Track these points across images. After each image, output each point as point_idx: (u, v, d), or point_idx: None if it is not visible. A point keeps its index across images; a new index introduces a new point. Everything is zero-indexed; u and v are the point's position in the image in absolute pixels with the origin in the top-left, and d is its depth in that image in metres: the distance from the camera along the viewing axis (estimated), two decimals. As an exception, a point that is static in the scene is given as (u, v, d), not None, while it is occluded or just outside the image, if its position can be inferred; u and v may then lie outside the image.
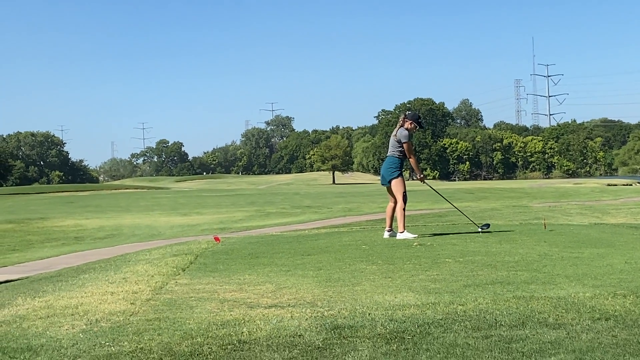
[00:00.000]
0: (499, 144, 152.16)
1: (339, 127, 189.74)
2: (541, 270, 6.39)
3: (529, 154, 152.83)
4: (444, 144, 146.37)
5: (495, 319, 4.46)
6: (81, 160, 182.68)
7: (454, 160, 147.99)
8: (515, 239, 9.31)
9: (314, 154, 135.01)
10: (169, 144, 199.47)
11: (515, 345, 3.92)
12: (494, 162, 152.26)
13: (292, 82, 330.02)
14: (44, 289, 6.76)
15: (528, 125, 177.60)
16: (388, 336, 4.17)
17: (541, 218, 16.93)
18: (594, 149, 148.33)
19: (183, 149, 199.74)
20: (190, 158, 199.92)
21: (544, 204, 30.78)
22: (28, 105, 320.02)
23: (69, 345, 4.21)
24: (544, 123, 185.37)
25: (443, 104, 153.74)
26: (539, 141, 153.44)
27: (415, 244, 8.81)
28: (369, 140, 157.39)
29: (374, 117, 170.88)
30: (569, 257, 7.26)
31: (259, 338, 4.21)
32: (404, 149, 10.00)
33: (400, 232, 9.87)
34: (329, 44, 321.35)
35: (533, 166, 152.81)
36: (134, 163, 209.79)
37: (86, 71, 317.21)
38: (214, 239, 10.89)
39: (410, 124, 10.07)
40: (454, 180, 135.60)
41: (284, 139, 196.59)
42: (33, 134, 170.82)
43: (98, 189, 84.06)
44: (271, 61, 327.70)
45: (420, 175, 10.42)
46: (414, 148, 10.33)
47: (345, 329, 4.33)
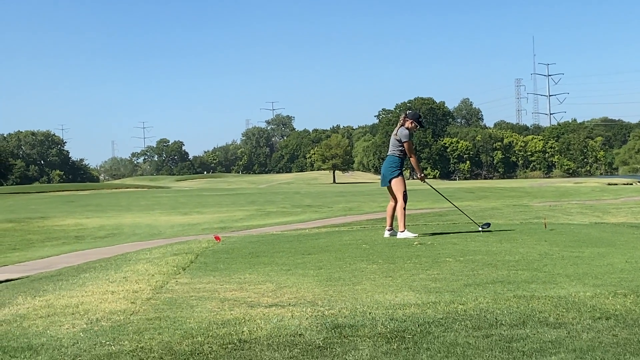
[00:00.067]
0: (499, 143, 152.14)
1: (340, 126, 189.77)
2: (542, 270, 6.39)
3: (530, 153, 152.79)
4: (445, 143, 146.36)
5: (496, 318, 4.46)
6: (82, 160, 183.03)
7: (455, 160, 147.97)
8: (516, 238, 9.31)
9: (314, 153, 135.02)
10: (170, 143, 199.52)
11: (515, 344, 3.91)
12: (495, 162, 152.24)
13: (293, 82, 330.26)
14: (44, 288, 6.76)
15: (528, 125, 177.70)
16: (389, 335, 4.16)
17: (542, 217, 16.92)
18: (594, 148, 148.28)
19: (183, 148, 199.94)
20: (190, 157, 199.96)
21: (545, 203, 30.77)
22: (28, 104, 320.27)
23: (70, 344, 4.21)
24: (544, 122, 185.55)
25: (443, 103, 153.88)
26: (539, 140, 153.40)
27: (415, 243, 8.81)
28: (370, 140, 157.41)
29: (375, 117, 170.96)
30: (570, 257, 7.26)
31: (260, 337, 4.20)
32: (404, 148, 10.00)
33: (401, 232, 9.87)
34: (330, 43, 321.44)
35: (533, 165, 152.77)
36: (135, 162, 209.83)
37: (87, 70, 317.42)
38: (215, 238, 10.89)
39: (411, 123, 10.06)
40: (455, 179, 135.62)
41: (285, 138, 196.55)
42: (33, 133, 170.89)
43: (98, 188, 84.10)
44: (271, 60, 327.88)
45: (421, 174, 10.42)
46: (414, 147, 10.33)
47: (346, 328, 4.33)
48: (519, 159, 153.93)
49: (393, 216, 10.15)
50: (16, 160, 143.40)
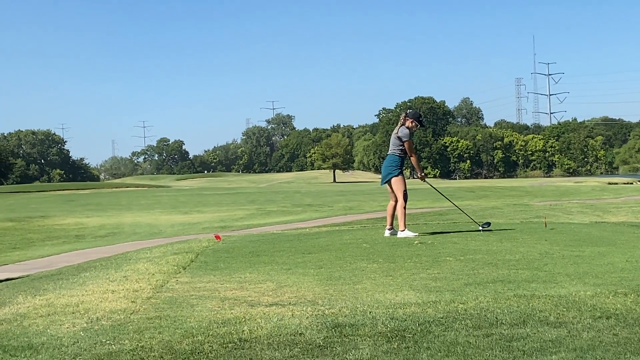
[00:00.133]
0: (499, 143, 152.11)
1: (340, 126, 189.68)
2: (542, 269, 6.38)
3: (530, 152, 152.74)
4: (445, 143, 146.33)
5: (496, 318, 4.46)
6: (82, 159, 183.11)
7: (455, 159, 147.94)
8: (516, 237, 9.30)
9: (314, 153, 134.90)
10: (170, 142, 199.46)
11: (516, 343, 3.91)
12: (495, 161, 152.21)
13: (293, 81, 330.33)
14: (44, 287, 6.76)
15: (529, 124, 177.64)
16: (389, 334, 4.16)
17: (542, 216, 16.92)
18: (594, 147, 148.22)
19: (184, 147, 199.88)
20: (191, 156, 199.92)
21: (545, 202, 30.77)
22: (29, 103, 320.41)
23: (70, 343, 4.21)
24: (544, 121, 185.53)
25: (444, 102, 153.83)
26: (539, 140, 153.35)
27: (416, 243, 8.81)
28: (370, 139, 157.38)
29: (375, 116, 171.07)
30: (570, 256, 7.26)
31: (260, 336, 4.20)
32: (405, 148, 10.00)
33: (401, 231, 9.87)
34: (330, 42, 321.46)
35: (534, 165, 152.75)
36: (135, 161, 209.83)
37: (87, 69, 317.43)
38: (215, 237, 10.89)
39: (411, 122, 10.06)
40: (455, 178, 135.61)
41: (285, 137, 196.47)
42: (34, 132, 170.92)
43: (99, 187, 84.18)
44: (272, 59, 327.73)
45: (421, 173, 10.42)
46: (414, 146, 10.33)
47: (346, 327, 4.33)
48: (520, 158, 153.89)
49: (393, 215, 10.15)
50: (16, 159, 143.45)
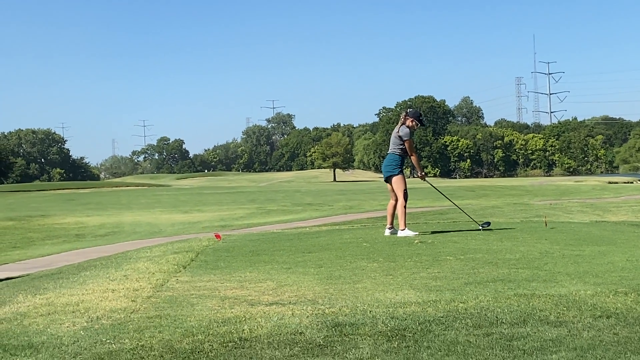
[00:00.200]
0: (499, 142, 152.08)
1: (340, 125, 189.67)
2: (542, 268, 6.38)
3: (530, 151, 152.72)
4: (445, 142, 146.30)
5: (497, 317, 4.46)
6: (82, 158, 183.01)
7: (455, 158, 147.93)
8: (516, 236, 9.30)
9: (314, 152, 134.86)
10: (170, 142, 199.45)
11: (516, 342, 3.91)
12: (495, 160, 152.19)
13: (293, 80, 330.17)
14: (44, 286, 6.76)
15: (529, 123, 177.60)
16: (389, 334, 4.16)
17: (542, 216, 16.92)
18: (595, 146, 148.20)
19: (184, 147, 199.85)
20: (191, 155, 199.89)
21: (545, 201, 30.78)
22: (29, 102, 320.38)
23: (70, 342, 4.21)
24: (545, 121, 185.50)
25: (444, 101, 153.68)
26: (540, 139, 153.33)
27: (416, 242, 8.81)
28: (370, 138, 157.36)
29: (375, 115, 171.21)
30: (570, 255, 7.26)
31: (260, 335, 4.20)
32: (405, 147, 10.00)
33: (401, 230, 9.87)
34: (330, 41, 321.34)
35: (534, 164, 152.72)
36: (135, 160, 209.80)
37: (87, 68, 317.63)
38: (215, 236, 10.89)
39: (412, 121, 10.06)
40: (455, 177, 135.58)
41: (285, 136, 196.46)
42: (34, 132, 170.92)
43: (99, 187, 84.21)
44: (272, 58, 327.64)
45: (421, 173, 10.42)
46: (415, 145, 10.33)
47: (346, 327, 4.33)
48: (520, 157, 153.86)
49: (394, 214, 10.16)
50: (17, 158, 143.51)
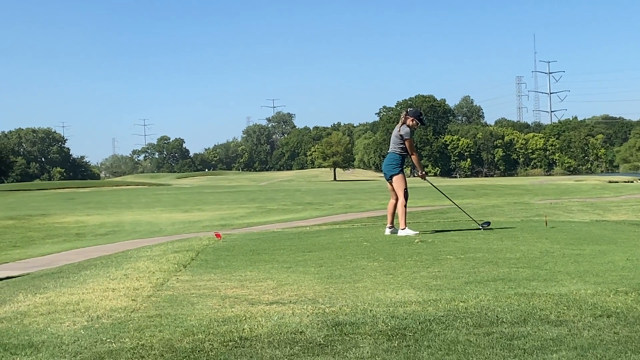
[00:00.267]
0: (500, 141, 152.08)
1: (340, 124, 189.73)
2: (542, 267, 6.38)
3: (530, 151, 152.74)
4: (445, 141, 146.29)
5: (497, 316, 4.46)
6: (82, 157, 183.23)
7: (455, 157, 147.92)
8: (517, 235, 9.30)
9: (315, 151, 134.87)
10: (170, 141, 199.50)
11: (516, 342, 3.91)
12: (495, 159, 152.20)
13: (294, 79, 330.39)
14: (45, 286, 6.76)
15: (529, 122, 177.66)
16: (389, 333, 4.16)
17: (542, 215, 16.92)
18: (595, 146, 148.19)
19: (184, 146, 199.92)
20: (191, 154, 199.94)
21: (545, 200, 30.78)
22: (29, 101, 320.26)
23: (70, 341, 4.21)
24: (545, 120, 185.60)
25: (444, 100, 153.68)
26: (540, 138, 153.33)
27: (416, 241, 8.81)
28: (370, 137, 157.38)
29: (375, 114, 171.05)
30: (571, 254, 7.25)
31: (260, 335, 4.20)
32: (405, 146, 9.99)
33: (402, 229, 9.87)
34: (331, 40, 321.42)
35: (534, 163, 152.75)
36: (135, 159, 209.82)
37: (87, 67, 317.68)
38: (215, 235, 10.89)
39: (412, 120, 10.06)
40: (455, 177, 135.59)
41: (285, 135, 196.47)
42: (34, 131, 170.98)
43: (99, 186, 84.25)
44: (272, 58, 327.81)
45: (422, 172, 10.42)
46: (415, 145, 10.32)
47: (347, 326, 4.33)
48: (520, 156, 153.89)
49: (394, 214, 10.16)
50: (17, 157, 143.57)
